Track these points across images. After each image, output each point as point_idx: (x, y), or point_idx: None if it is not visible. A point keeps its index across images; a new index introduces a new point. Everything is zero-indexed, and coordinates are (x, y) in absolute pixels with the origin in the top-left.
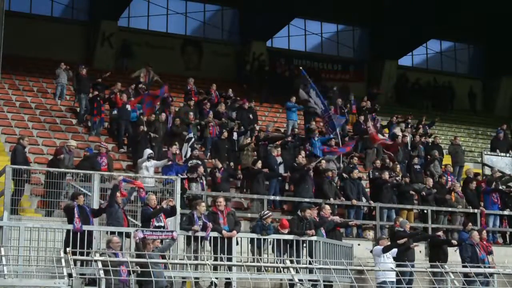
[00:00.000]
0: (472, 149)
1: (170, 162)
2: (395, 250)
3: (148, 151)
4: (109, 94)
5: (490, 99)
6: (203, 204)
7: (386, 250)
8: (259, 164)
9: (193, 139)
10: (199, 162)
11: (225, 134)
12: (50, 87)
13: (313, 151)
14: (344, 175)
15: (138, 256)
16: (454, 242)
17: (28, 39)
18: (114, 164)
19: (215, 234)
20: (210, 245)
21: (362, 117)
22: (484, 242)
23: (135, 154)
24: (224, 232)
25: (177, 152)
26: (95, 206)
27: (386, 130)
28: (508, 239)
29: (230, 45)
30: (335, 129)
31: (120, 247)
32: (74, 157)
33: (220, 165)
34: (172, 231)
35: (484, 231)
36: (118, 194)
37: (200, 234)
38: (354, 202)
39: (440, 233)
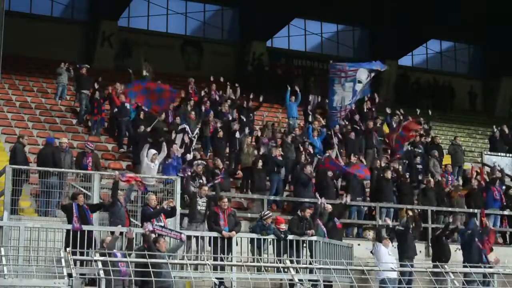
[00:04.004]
0: (472, 149)
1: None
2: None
3: (152, 152)
4: (107, 93)
5: (490, 99)
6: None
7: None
8: (259, 164)
9: (186, 129)
10: (204, 163)
11: (221, 133)
12: (50, 87)
13: (314, 151)
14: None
15: (142, 256)
16: (452, 226)
17: (28, 39)
18: (114, 164)
19: (215, 234)
20: (210, 245)
21: (357, 116)
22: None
23: (135, 154)
24: (223, 232)
25: (178, 150)
26: None
27: (386, 128)
28: (508, 239)
29: (230, 45)
30: (334, 126)
31: (114, 247)
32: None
33: (221, 165)
34: (180, 233)
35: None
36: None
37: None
38: (348, 200)
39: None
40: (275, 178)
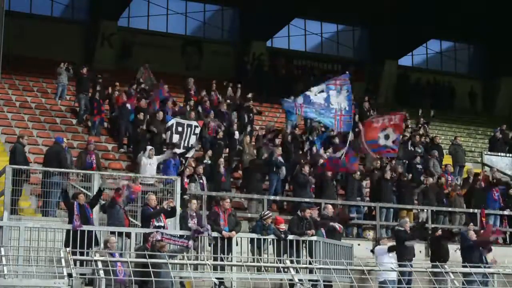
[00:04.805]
0: (472, 149)
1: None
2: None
3: (148, 147)
4: (108, 94)
5: (490, 99)
6: (194, 201)
7: (391, 250)
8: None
9: (174, 126)
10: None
11: (221, 134)
12: (50, 87)
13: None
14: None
15: (140, 256)
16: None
17: (28, 39)
18: (114, 164)
19: (215, 234)
20: (210, 245)
21: (356, 116)
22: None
23: (135, 154)
24: (223, 232)
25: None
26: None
27: None
28: (508, 239)
29: (230, 45)
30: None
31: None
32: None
33: (223, 164)
34: (188, 240)
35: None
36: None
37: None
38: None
39: (439, 232)
40: (274, 178)
